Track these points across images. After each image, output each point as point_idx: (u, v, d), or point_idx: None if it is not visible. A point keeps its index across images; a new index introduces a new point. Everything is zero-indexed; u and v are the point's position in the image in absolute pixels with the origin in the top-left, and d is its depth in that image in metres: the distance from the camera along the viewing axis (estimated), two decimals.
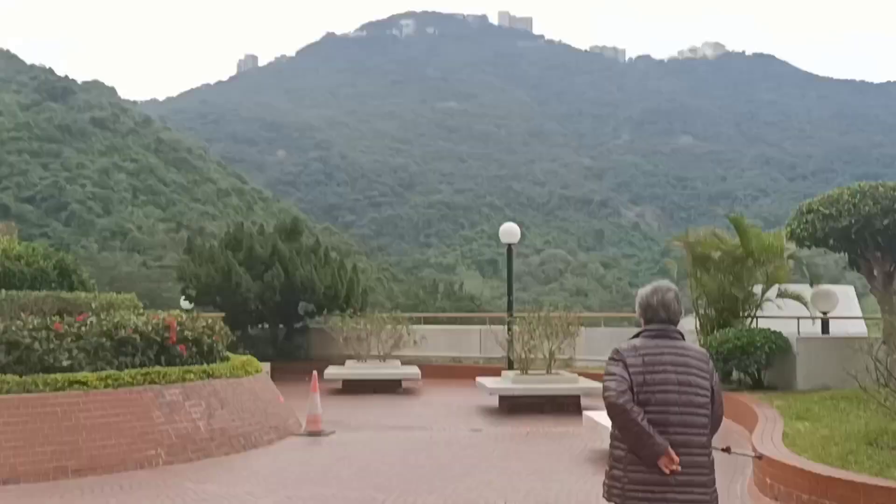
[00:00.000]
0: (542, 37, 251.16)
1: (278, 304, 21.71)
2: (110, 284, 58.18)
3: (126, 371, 10.37)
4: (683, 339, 4.23)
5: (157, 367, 10.85)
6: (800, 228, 12.54)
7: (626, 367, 4.07)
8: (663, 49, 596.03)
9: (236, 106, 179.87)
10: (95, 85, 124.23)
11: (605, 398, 4.07)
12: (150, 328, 11.25)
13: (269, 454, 10.68)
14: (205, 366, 11.47)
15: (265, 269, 21.53)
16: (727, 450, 4.42)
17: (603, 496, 4.21)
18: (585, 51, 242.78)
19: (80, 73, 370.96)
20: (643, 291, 4.34)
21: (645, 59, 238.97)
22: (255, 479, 9.06)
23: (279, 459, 10.29)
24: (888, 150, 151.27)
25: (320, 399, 12.75)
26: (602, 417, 9.04)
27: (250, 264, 21.72)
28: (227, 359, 12.81)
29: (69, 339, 10.49)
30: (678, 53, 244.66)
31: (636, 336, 4.27)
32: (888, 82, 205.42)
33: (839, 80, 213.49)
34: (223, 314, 22.63)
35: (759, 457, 6.48)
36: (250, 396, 11.81)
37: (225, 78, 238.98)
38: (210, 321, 12.65)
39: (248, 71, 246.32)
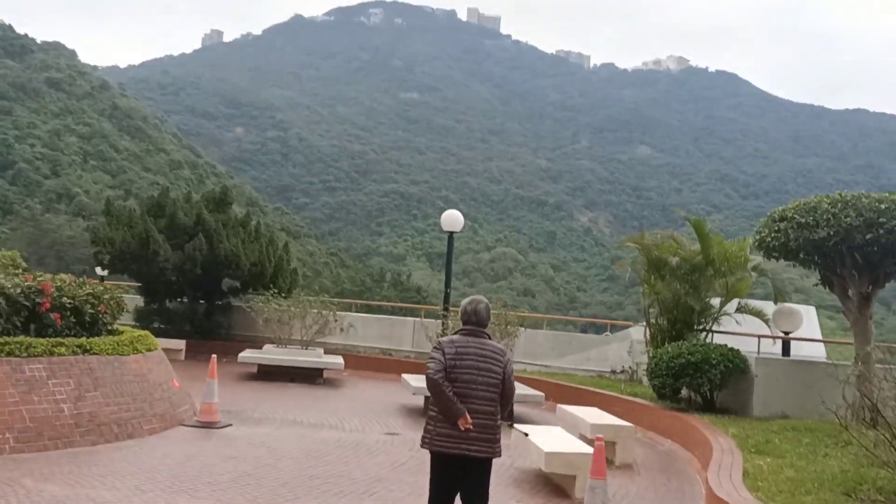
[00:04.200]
0: (509, 37, 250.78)
1: (199, 277, 19.95)
2: (50, 247, 56.07)
3: None
4: (489, 338, 5.70)
5: (22, 337, 9.20)
6: (770, 237, 11.18)
7: (443, 353, 5.50)
8: (628, 59, 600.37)
9: (197, 79, 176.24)
10: (55, 46, 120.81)
11: (426, 375, 5.49)
12: (18, 291, 9.59)
13: (144, 447, 9.08)
14: (82, 339, 9.82)
15: (188, 239, 19.76)
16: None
17: (421, 445, 5.62)
18: (551, 54, 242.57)
19: (40, 33, 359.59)
20: (463, 302, 5.82)
21: (609, 67, 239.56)
22: (112, 480, 7.46)
23: (153, 455, 8.70)
24: (841, 177, 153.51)
25: (229, 385, 11.23)
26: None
27: (172, 233, 19.91)
28: (119, 332, 11.18)
29: None
30: (642, 64, 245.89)
31: (455, 333, 5.77)
32: (845, 110, 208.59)
33: (798, 103, 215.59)
34: (139, 284, 20.94)
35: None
36: (135, 378, 10.19)
37: (189, 51, 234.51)
38: (99, 288, 10.99)
39: (213, 46, 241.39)
